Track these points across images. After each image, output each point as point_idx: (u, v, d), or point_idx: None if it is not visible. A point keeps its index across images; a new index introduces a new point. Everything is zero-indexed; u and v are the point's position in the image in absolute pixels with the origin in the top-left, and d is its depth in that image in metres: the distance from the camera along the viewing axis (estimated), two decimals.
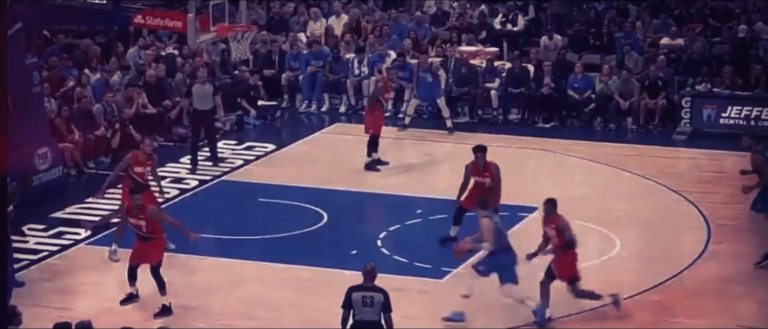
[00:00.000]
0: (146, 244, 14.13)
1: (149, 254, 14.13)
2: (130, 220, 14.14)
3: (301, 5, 25.65)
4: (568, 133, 22.10)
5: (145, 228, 14.09)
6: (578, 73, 22.74)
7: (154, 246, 14.13)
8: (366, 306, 11.90)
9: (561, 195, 18.11)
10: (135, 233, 14.19)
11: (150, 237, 14.12)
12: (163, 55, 23.34)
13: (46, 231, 16.82)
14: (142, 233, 14.11)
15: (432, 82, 21.84)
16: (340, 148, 20.96)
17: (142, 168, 15.86)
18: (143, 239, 14.15)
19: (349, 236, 16.72)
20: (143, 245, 14.16)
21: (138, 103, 21.11)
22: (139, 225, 14.09)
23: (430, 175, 19.31)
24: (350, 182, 18.75)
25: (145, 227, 14.08)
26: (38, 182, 18.02)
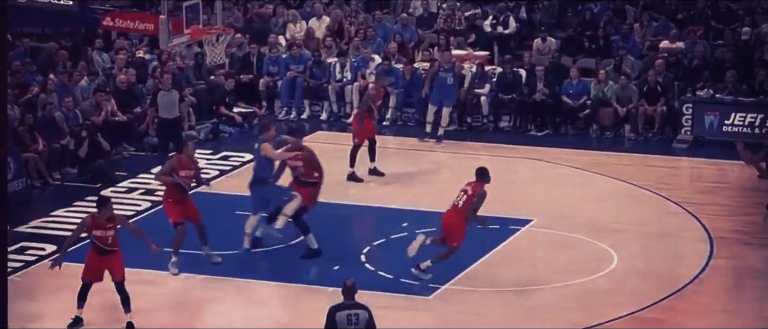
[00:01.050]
0: (108, 259, 14.07)
1: (113, 269, 14.08)
2: (95, 233, 14.05)
3: (281, 6, 25.61)
4: (562, 141, 22.11)
5: (111, 240, 14.02)
6: (573, 78, 22.76)
7: (116, 260, 14.09)
8: (352, 324, 11.84)
9: (555, 206, 18.21)
10: (94, 247, 14.09)
11: (112, 251, 14.06)
12: (134, 60, 23.26)
13: (8, 246, 16.68)
14: (107, 246, 14.04)
15: (451, 84, 21.60)
16: (322, 157, 20.89)
17: (186, 172, 15.83)
18: (104, 252, 14.07)
19: (332, 251, 16.64)
20: (103, 259, 14.09)
21: (107, 110, 21.03)
22: (105, 237, 14.02)
23: (416, 187, 19.27)
24: (332, 194, 18.68)
25: (112, 239, 14.01)
26: None
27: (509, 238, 17.02)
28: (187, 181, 15.85)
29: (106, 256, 14.07)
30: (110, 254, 14.07)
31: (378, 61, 23.46)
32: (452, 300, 15.05)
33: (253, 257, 16.47)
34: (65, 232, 17.23)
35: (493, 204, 17.45)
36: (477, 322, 14.48)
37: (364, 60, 23.59)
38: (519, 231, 17.32)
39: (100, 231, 14.03)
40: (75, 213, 18.12)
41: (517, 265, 16.11)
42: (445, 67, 21.67)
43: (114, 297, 14.21)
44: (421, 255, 15.36)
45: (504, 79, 23.03)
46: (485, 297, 15.14)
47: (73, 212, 18.21)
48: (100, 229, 14.03)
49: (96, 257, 14.13)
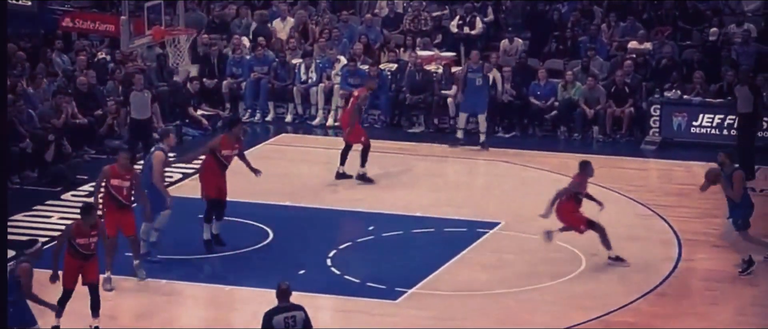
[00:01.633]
0: (87, 263, 14.10)
1: (90, 272, 14.12)
2: (79, 241, 14.01)
3: (244, 7, 25.53)
4: (530, 142, 22.16)
5: (93, 246, 14.08)
6: (541, 79, 22.83)
7: (94, 263, 14.17)
8: (289, 327, 11.84)
9: (522, 209, 18.24)
10: (74, 253, 14.06)
11: (93, 255, 14.10)
12: (94, 61, 23.14)
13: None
14: (89, 251, 14.09)
15: (481, 85, 21.11)
16: (287, 160, 20.88)
17: (229, 152, 16.36)
18: (85, 258, 14.08)
19: (297, 255, 16.63)
20: (83, 264, 14.10)
21: (67, 113, 20.92)
22: (89, 244, 14.05)
23: (383, 190, 19.26)
24: (297, 197, 18.68)
25: (93, 245, 14.07)
26: None
27: (477, 241, 17.05)
28: (229, 160, 16.28)
29: (86, 261, 14.09)
30: (90, 259, 14.11)
31: (344, 62, 23.46)
32: (419, 305, 15.07)
33: (217, 260, 16.43)
34: (25, 237, 17.14)
35: (460, 206, 17.53)
36: (443, 325, 14.49)
37: (330, 61, 23.58)
38: (487, 234, 17.36)
39: (84, 239, 14.04)
40: (34, 218, 18.03)
41: (484, 268, 16.14)
42: (473, 67, 21.18)
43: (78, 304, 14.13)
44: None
45: None
46: (452, 301, 15.16)
47: (32, 216, 18.11)
48: (84, 237, 14.04)
49: (75, 262, 14.11)
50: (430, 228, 17.61)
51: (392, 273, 15.82)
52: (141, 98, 19.80)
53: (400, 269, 15.80)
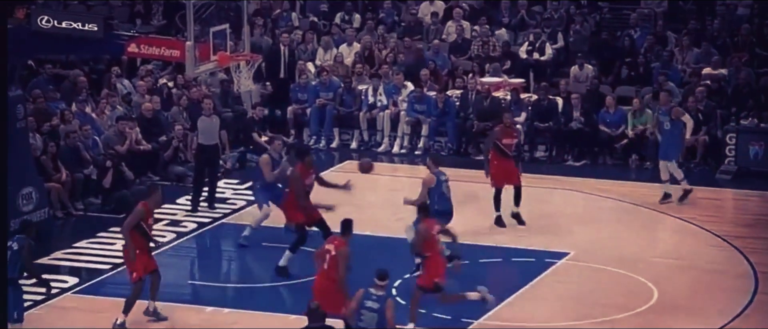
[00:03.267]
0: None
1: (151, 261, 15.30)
2: (149, 221, 15.13)
3: (309, 32, 25.76)
4: (600, 171, 22.11)
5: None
6: (610, 106, 22.78)
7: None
8: None
9: (593, 239, 18.21)
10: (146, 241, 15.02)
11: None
12: (157, 87, 23.46)
13: (29, 279, 16.80)
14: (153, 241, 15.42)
15: (669, 129, 19.81)
16: (355, 184, 20.96)
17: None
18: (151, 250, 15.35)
19: (361, 284, 16.67)
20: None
21: (131, 139, 21.17)
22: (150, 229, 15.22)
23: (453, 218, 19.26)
24: (363, 224, 18.71)
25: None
26: None
27: (545, 272, 17.03)
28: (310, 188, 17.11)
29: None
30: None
31: (410, 88, 23.58)
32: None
33: (280, 289, 16.57)
34: (88, 264, 17.42)
35: (528, 236, 17.52)
36: None
37: (396, 87, 23.70)
38: (556, 264, 17.34)
39: (151, 220, 15.10)
40: (98, 245, 18.26)
41: (552, 300, 16.12)
42: (662, 109, 20.31)
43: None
44: None
45: (539, 107, 23.09)
46: None
47: (96, 243, 18.34)
48: (151, 218, 15.09)
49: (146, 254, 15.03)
50: (497, 258, 17.64)
51: (458, 303, 15.83)
52: (209, 123, 19.91)
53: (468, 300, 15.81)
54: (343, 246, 14.14)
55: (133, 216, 14.99)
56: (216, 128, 19.92)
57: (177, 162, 21.74)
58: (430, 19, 26.34)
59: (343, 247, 14.13)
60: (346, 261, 14.06)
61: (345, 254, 14.06)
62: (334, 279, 14.01)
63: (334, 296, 13.90)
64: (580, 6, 26.20)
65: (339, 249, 14.11)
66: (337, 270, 14.00)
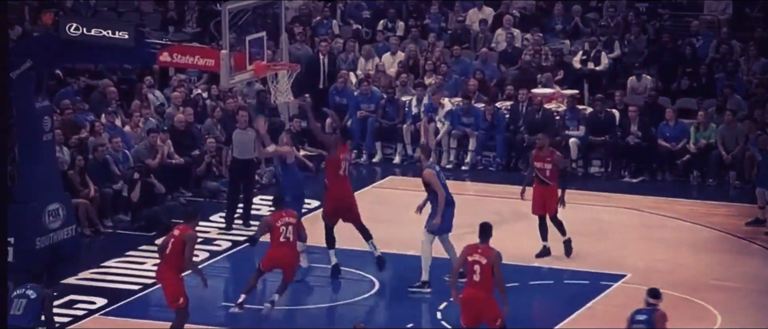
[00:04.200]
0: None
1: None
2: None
3: (351, 41, 25.84)
4: (658, 188, 22.03)
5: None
6: (670, 119, 22.70)
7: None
8: None
9: (651, 261, 18.14)
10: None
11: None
12: (191, 98, 23.60)
13: (56, 300, 16.93)
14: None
15: (763, 159, 19.76)
16: (395, 204, 21.00)
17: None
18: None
19: (405, 306, 16.74)
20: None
21: (163, 152, 21.28)
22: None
23: (498, 238, 19.17)
24: (405, 244, 18.78)
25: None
26: (48, 242, 18.20)
27: (600, 295, 16.98)
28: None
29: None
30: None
31: (448, 107, 23.40)
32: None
33: (319, 311, 16.63)
34: (117, 284, 17.55)
35: (582, 257, 17.48)
36: None
37: (432, 106, 23.54)
38: (611, 287, 17.28)
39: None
40: (127, 264, 18.36)
41: (608, 325, 16.06)
42: (752, 139, 20.09)
43: None
44: None
45: (595, 119, 23.05)
46: None
47: (125, 263, 18.45)
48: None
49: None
50: (548, 280, 17.61)
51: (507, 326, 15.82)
52: (245, 137, 20.00)
53: (516, 324, 15.76)
54: (492, 253, 14.42)
55: (191, 245, 15.16)
56: (252, 141, 20.01)
57: (210, 177, 21.84)
58: (478, 27, 26.37)
59: (492, 254, 14.42)
60: (498, 266, 14.41)
61: (496, 261, 14.38)
62: (490, 288, 14.29)
63: (488, 305, 14.24)
64: (639, 13, 26.13)
65: (489, 256, 14.35)
66: (493, 278, 14.31)
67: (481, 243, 14.57)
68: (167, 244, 15.15)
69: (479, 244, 14.55)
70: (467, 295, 14.39)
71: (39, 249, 18.01)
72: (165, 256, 15.17)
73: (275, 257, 16.20)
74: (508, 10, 26.44)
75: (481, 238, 14.60)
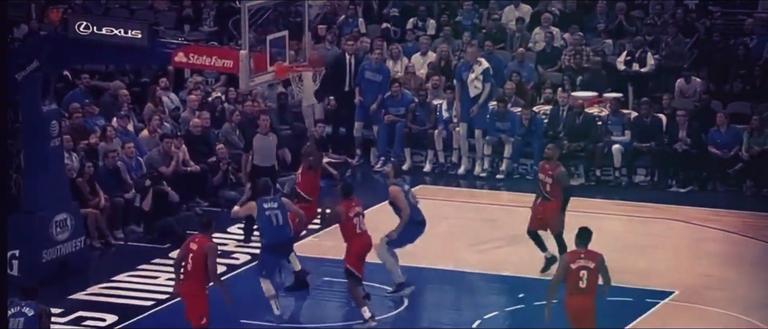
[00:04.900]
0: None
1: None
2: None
3: (378, 40, 25.86)
4: (709, 199, 21.97)
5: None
6: (721, 124, 22.65)
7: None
8: None
9: (701, 277, 18.09)
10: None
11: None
12: (207, 101, 23.68)
13: (63, 316, 17.06)
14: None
15: None
16: (426, 215, 21.01)
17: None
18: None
19: (435, 325, 16.75)
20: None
21: (177, 159, 21.35)
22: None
23: (535, 251, 19.27)
24: (436, 258, 18.81)
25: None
26: (56, 255, 18.30)
27: (646, 313, 16.95)
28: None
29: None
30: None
31: (485, 65, 22.98)
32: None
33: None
34: (128, 300, 17.61)
35: (625, 272, 17.44)
36: None
37: (468, 65, 23.14)
38: (657, 305, 17.25)
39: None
40: (139, 278, 18.43)
41: None
42: None
43: None
44: None
45: (640, 125, 23.01)
46: None
47: (137, 277, 18.51)
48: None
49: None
50: None
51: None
52: (266, 143, 20.04)
53: None
54: (598, 257, 14.72)
55: (213, 257, 15.26)
56: (273, 148, 20.06)
57: (228, 185, 21.88)
58: (514, 25, 26.37)
59: (599, 257, 14.68)
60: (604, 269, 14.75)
61: (602, 263, 14.73)
62: (593, 294, 14.67)
63: (593, 313, 14.68)
64: (688, 10, 26.07)
65: (596, 260, 14.64)
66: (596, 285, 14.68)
67: (580, 247, 14.80)
68: (186, 258, 15.21)
69: (580, 249, 14.78)
70: (574, 303, 14.67)
71: (46, 262, 18.11)
72: (187, 271, 15.21)
73: (362, 250, 16.68)
74: (547, 8, 26.41)
75: (579, 243, 14.83)
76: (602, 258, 14.71)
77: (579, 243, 14.85)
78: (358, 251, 16.70)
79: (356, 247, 16.69)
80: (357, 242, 16.69)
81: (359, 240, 16.70)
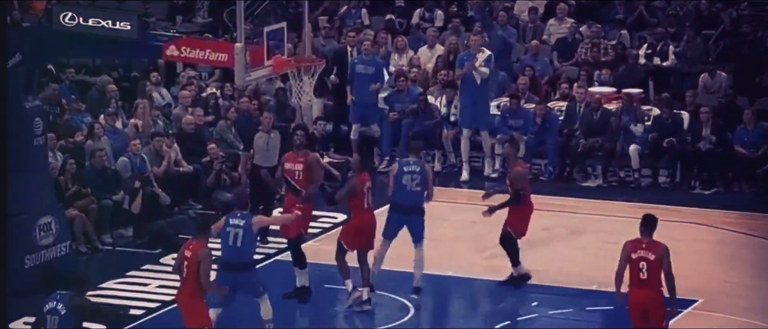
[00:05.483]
0: None
1: None
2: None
3: (382, 33, 25.88)
4: (734, 201, 21.97)
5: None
6: (748, 122, 22.65)
7: None
8: None
9: (726, 284, 18.09)
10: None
11: None
12: (203, 97, 23.70)
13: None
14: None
15: None
16: (432, 218, 21.02)
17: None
18: None
19: None
20: None
21: (169, 159, 21.36)
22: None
23: (550, 258, 19.30)
24: (444, 264, 18.82)
25: None
26: (39, 261, 18.29)
27: (670, 322, 16.92)
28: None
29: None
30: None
31: (488, 53, 22.91)
32: None
33: None
34: (115, 309, 17.60)
35: None
36: None
37: (471, 53, 23.10)
38: (679, 314, 17.24)
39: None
40: (129, 286, 18.42)
41: None
42: None
43: None
44: None
45: (661, 122, 23.01)
46: None
47: (126, 284, 18.51)
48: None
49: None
50: (607, 306, 17.59)
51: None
52: (268, 141, 19.98)
53: None
54: (660, 247, 14.90)
55: (205, 264, 15.09)
56: (276, 147, 19.88)
57: (222, 186, 21.87)
58: (528, 17, 26.38)
59: (661, 248, 14.89)
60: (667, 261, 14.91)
61: (665, 255, 14.89)
62: (658, 286, 14.88)
63: (658, 305, 14.91)
64: (713, 0, 26.06)
65: (657, 251, 14.78)
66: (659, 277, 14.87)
67: (644, 236, 14.90)
68: (181, 265, 15.19)
69: (643, 239, 14.88)
70: (636, 296, 14.82)
71: (28, 268, 18.10)
72: (183, 280, 15.21)
73: (363, 226, 16.93)
74: None
75: (644, 231, 14.92)
76: (665, 250, 14.79)
77: (643, 232, 14.97)
78: (358, 226, 17.04)
79: (357, 222, 17.05)
80: (360, 218, 17.02)
81: (363, 216, 17.02)
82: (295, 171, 17.46)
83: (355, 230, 17.13)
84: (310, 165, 17.52)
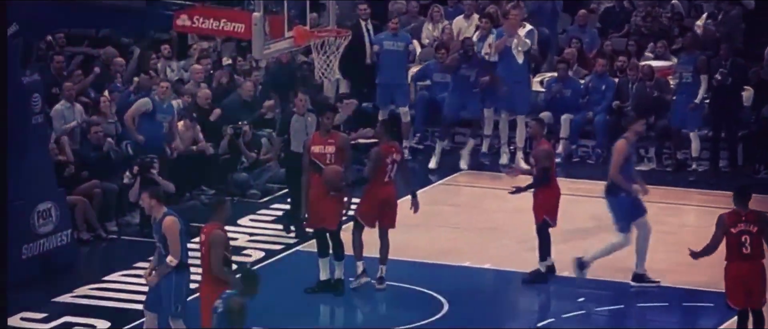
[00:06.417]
0: None
1: None
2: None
3: (413, 1, 25.84)
4: None
5: None
6: None
7: None
8: None
9: None
10: None
11: None
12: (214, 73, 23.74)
13: (46, 322, 17.14)
14: None
15: None
16: (468, 206, 21.05)
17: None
18: None
19: None
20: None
21: (186, 138, 21.33)
22: None
23: (596, 246, 19.28)
24: (481, 255, 18.84)
25: None
26: (38, 251, 18.36)
27: (729, 320, 16.92)
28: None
29: None
30: None
31: (529, 27, 22.90)
32: None
33: None
34: (122, 303, 17.69)
35: (706, 273, 17.43)
36: None
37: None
38: None
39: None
40: (135, 278, 18.46)
41: None
42: None
43: None
44: None
45: (719, 92, 22.90)
46: None
47: (132, 277, 18.53)
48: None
49: None
50: (661, 302, 17.60)
51: None
52: (304, 123, 19.58)
53: None
54: (764, 218, 15.31)
55: (216, 249, 14.93)
56: (312, 130, 19.43)
57: (236, 168, 21.92)
58: None
59: (764, 218, 15.31)
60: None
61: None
62: (762, 261, 15.18)
63: (761, 282, 15.24)
64: None
65: (760, 222, 15.14)
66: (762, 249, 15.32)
67: (740, 207, 15.24)
68: (202, 253, 15.14)
69: (741, 210, 15.19)
70: (737, 271, 15.16)
71: (26, 259, 18.18)
72: (203, 268, 15.17)
73: (378, 199, 17.11)
74: None
75: (740, 203, 15.25)
76: (767, 220, 15.11)
77: (738, 203, 15.22)
78: (372, 200, 17.28)
79: (372, 193, 17.27)
80: (377, 190, 17.25)
81: (381, 189, 17.26)
82: (326, 154, 17.56)
83: (369, 204, 17.34)
84: (343, 146, 17.67)
